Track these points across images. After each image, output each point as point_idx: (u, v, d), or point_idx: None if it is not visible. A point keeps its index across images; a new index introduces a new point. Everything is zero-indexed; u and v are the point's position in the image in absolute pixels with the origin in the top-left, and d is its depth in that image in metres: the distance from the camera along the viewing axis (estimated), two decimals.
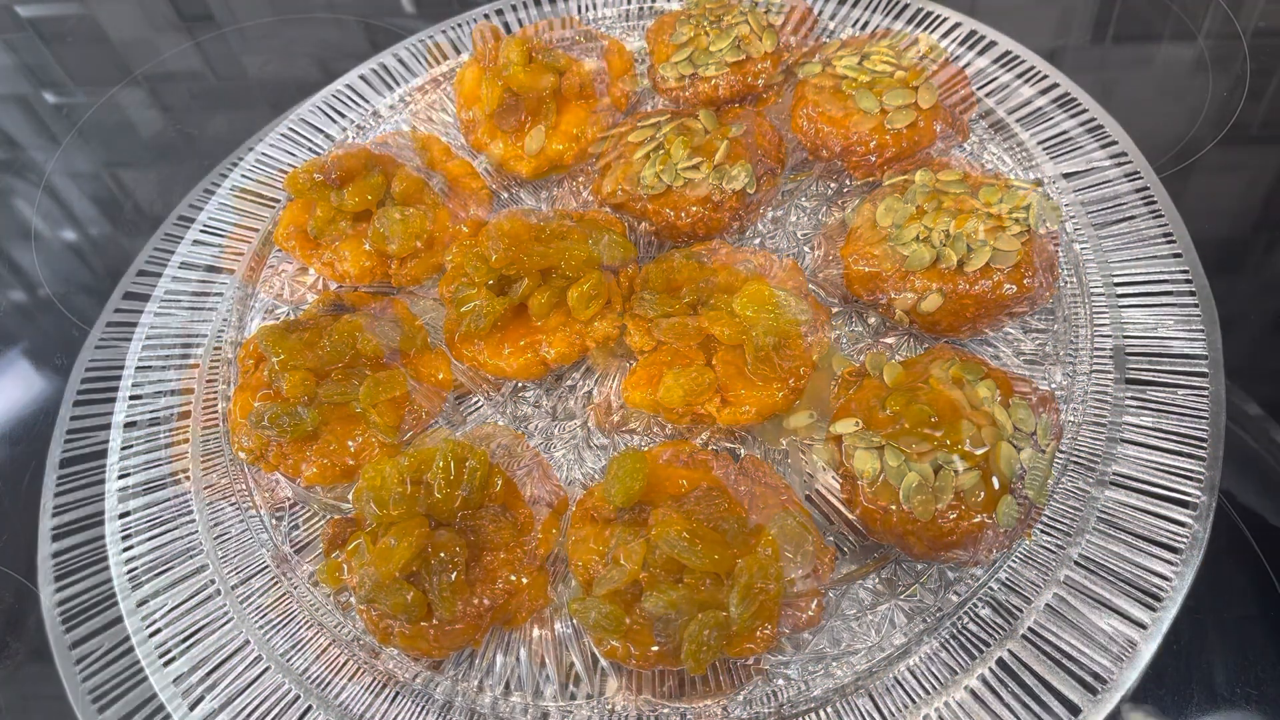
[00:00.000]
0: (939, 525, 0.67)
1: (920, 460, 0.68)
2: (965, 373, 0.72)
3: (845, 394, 0.76)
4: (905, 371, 0.75)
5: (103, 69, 1.40)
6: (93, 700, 0.73)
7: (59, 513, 0.83)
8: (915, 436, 0.69)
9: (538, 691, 0.72)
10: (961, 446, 0.68)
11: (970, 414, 0.70)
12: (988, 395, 0.71)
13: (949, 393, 0.71)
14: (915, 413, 0.70)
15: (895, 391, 0.73)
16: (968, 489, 0.67)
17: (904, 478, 0.68)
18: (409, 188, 0.90)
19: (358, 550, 0.70)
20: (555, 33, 1.03)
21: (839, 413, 0.75)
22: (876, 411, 0.72)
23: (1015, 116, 0.99)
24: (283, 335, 0.81)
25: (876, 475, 0.70)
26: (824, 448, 0.75)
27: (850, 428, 0.72)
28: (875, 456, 0.70)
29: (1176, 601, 0.68)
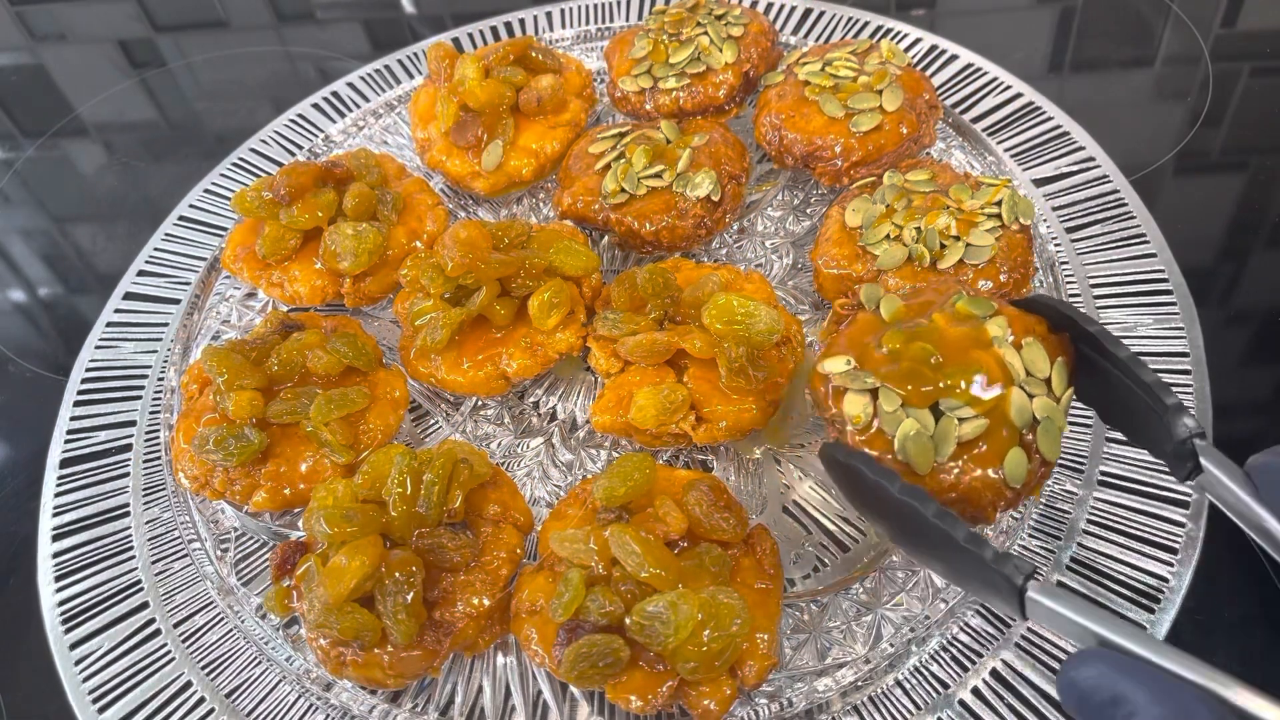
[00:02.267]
0: (938, 479, 0.59)
1: (919, 405, 0.60)
2: (974, 308, 0.63)
3: (836, 329, 0.68)
4: (906, 306, 0.66)
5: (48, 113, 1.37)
6: (93, 700, 0.70)
7: (59, 513, 0.81)
8: (914, 378, 0.60)
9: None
10: (967, 391, 0.59)
11: (978, 355, 0.61)
12: (999, 334, 0.61)
13: (954, 330, 0.62)
14: (915, 351, 0.61)
15: (893, 327, 0.64)
16: (972, 439, 0.59)
17: (900, 424, 0.59)
18: (362, 203, 0.87)
19: (307, 574, 0.66)
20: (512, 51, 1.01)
21: (828, 349, 0.66)
22: (871, 349, 0.63)
23: (981, 125, 0.98)
24: (227, 354, 0.77)
25: (868, 421, 0.61)
26: (810, 389, 0.67)
27: (840, 366, 0.63)
28: (868, 399, 0.61)
29: (1175, 603, 0.65)
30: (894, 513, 0.57)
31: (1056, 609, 0.50)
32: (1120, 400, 0.60)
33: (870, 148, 0.86)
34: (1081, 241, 0.86)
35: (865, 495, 0.60)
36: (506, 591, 0.69)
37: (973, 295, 0.65)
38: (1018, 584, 0.51)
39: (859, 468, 0.58)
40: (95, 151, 1.29)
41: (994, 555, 0.52)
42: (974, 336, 0.61)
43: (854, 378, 0.62)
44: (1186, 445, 0.55)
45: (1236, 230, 0.95)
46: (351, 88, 1.15)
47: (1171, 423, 0.55)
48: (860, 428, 0.61)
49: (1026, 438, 0.60)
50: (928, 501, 0.55)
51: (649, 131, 0.91)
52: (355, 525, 0.66)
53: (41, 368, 1.00)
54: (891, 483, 0.56)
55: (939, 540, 0.55)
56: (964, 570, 0.55)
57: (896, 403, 0.60)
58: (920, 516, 0.55)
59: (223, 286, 0.97)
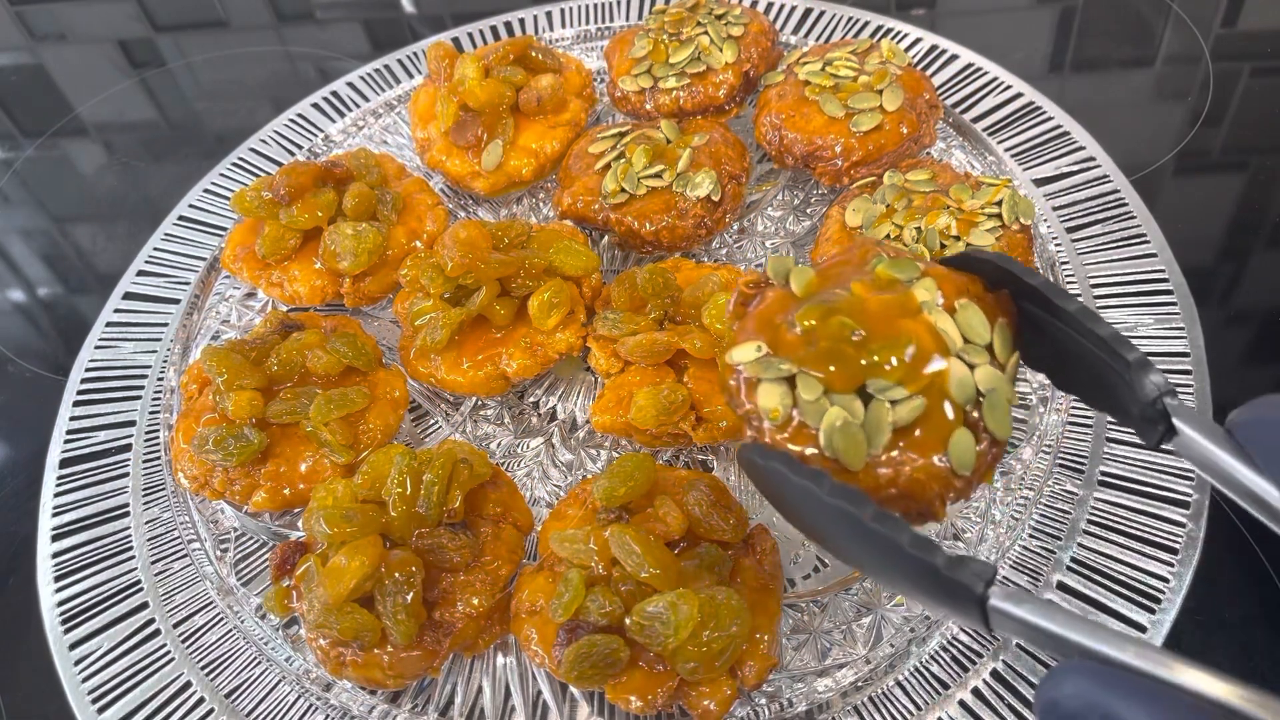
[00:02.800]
0: (875, 474, 0.50)
1: (844, 390, 0.51)
2: (896, 271, 0.55)
3: (744, 311, 0.58)
4: (820, 276, 0.57)
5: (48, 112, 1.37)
6: (92, 701, 0.70)
7: (59, 513, 0.80)
8: (836, 359, 0.51)
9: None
10: (898, 369, 0.51)
11: (906, 325, 0.52)
12: (927, 299, 0.53)
13: (877, 299, 0.53)
14: (834, 328, 0.52)
15: (807, 303, 0.54)
16: (909, 424, 0.50)
17: (824, 415, 0.50)
18: (361, 203, 0.87)
19: (307, 574, 0.66)
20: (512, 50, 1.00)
21: (736, 335, 0.57)
22: (784, 330, 0.54)
23: (982, 125, 0.98)
24: (227, 354, 0.76)
25: (787, 414, 0.51)
26: (720, 384, 0.57)
27: (750, 354, 0.54)
28: (784, 389, 0.52)
29: (1175, 603, 0.65)
30: (827, 519, 0.49)
31: (1027, 618, 0.43)
32: (1075, 361, 0.54)
33: (870, 147, 0.86)
34: (1082, 241, 0.86)
35: (793, 502, 0.52)
36: (506, 592, 0.68)
37: (894, 256, 0.56)
38: (977, 592, 0.43)
39: (781, 470, 0.50)
40: (95, 151, 1.29)
41: (946, 560, 0.44)
42: (900, 304, 0.53)
43: (766, 365, 0.53)
44: (1156, 406, 0.48)
45: (1237, 230, 0.95)
46: (351, 87, 1.14)
47: (1136, 381, 0.49)
48: (779, 423, 0.52)
49: (971, 415, 0.52)
50: (863, 503, 0.47)
51: (649, 131, 0.91)
52: (355, 525, 0.65)
53: (41, 368, 1.00)
54: (819, 484, 0.48)
55: (881, 548, 0.46)
56: (915, 581, 0.47)
57: (818, 390, 0.51)
58: (856, 521, 0.46)
59: (222, 286, 0.97)
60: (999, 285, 0.56)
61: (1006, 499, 0.72)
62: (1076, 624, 0.41)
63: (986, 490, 0.73)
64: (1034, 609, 0.42)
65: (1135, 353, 0.49)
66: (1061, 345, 0.54)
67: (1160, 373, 0.48)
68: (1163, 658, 0.39)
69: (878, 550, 0.47)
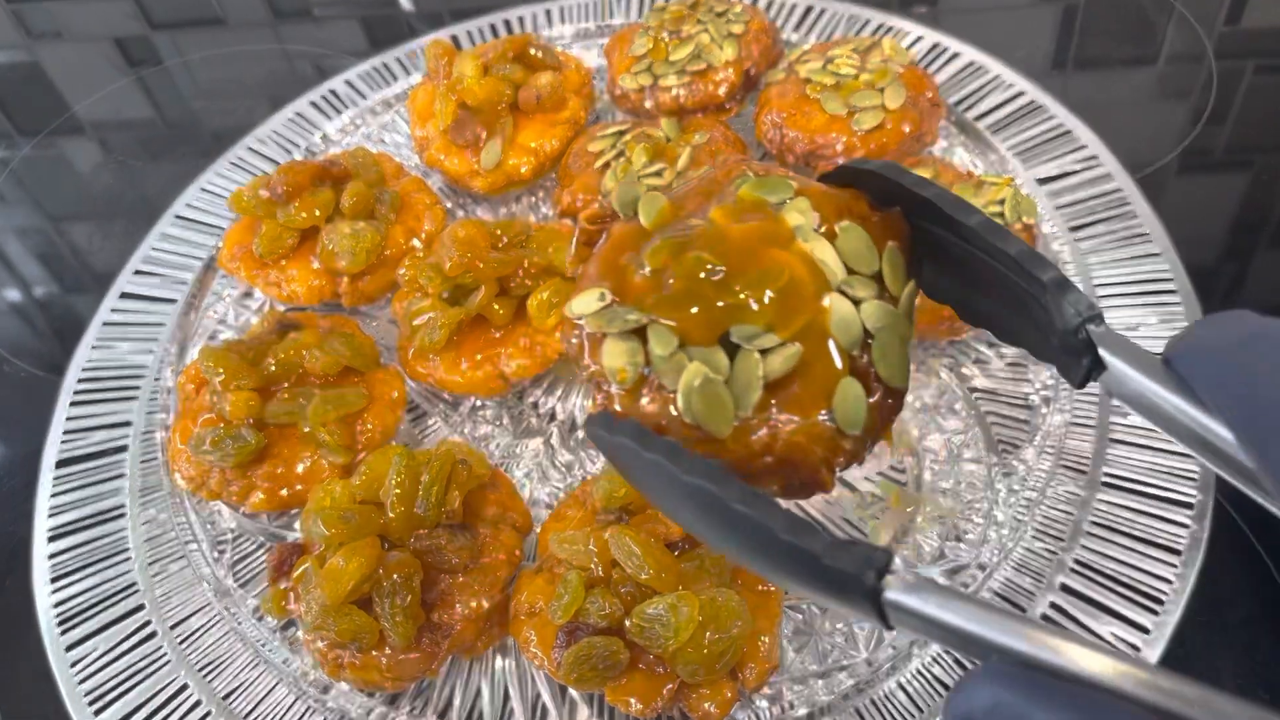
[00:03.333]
0: (746, 441, 0.41)
1: (704, 341, 0.41)
2: (762, 192, 0.45)
3: (588, 252, 0.49)
4: (673, 204, 0.47)
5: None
6: (89, 703, 0.69)
7: (55, 514, 0.80)
8: (692, 303, 0.42)
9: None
10: (767, 310, 0.41)
11: (776, 256, 0.43)
12: (801, 222, 0.43)
13: (740, 228, 0.44)
14: (689, 265, 0.42)
15: (659, 237, 0.44)
16: (783, 376, 0.40)
17: (681, 372, 0.40)
18: (359, 202, 0.86)
19: (305, 576, 0.66)
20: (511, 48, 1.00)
21: (578, 282, 0.47)
22: (630, 272, 0.44)
23: (984, 124, 0.97)
24: (224, 354, 0.76)
25: (638, 374, 0.42)
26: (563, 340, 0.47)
27: (591, 304, 0.43)
28: (634, 344, 0.42)
29: (1179, 605, 0.65)
30: (687, 501, 0.40)
31: (931, 613, 0.34)
32: (984, 287, 0.45)
33: (872, 146, 0.86)
34: (1085, 240, 0.86)
35: (648, 482, 0.42)
36: (505, 593, 0.68)
37: (761, 174, 0.46)
38: (867, 583, 0.35)
39: (629, 446, 0.40)
40: (91, 150, 1.29)
41: (828, 546, 0.35)
42: (767, 231, 0.44)
43: (610, 316, 0.42)
44: (1078, 335, 0.39)
45: (1241, 229, 0.94)
46: (349, 86, 1.14)
47: (1053, 305, 0.39)
48: (628, 385, 0.42)
49: (860, 361, 0.42)
50: (727, 481, 0.37)
51: (649, 129, 0.90)
52: (353, 526, 0.65)
53: (37, 367, 1.00)
54: (675, 460, 0.38)
55: (751, 533, 0.37)
56: (793, 572, 0.38)
57: (672, 342, 0.41)
58: (720, 503, 0.37)
59: (219, 286, 0.96)
60: (890, 201, 0.46)
61: (1009, 500, 0.72)
62: (991, 618, 0.33)
63: (989, 491, 0.73)
64: (940, 601, 0.34)
65: (1052, 271, 0.40)
66: (967, 270, 0.45)
67: (1083, 294, 0.39)
68: (1093, 657, 0.31)
69: (748, 536, 0.38)
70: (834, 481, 0.42)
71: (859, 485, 0.75)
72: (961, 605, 0.34)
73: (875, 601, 0.35)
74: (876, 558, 0.35)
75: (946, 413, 0.78)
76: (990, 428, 0.77)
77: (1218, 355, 0.36)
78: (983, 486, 0.74)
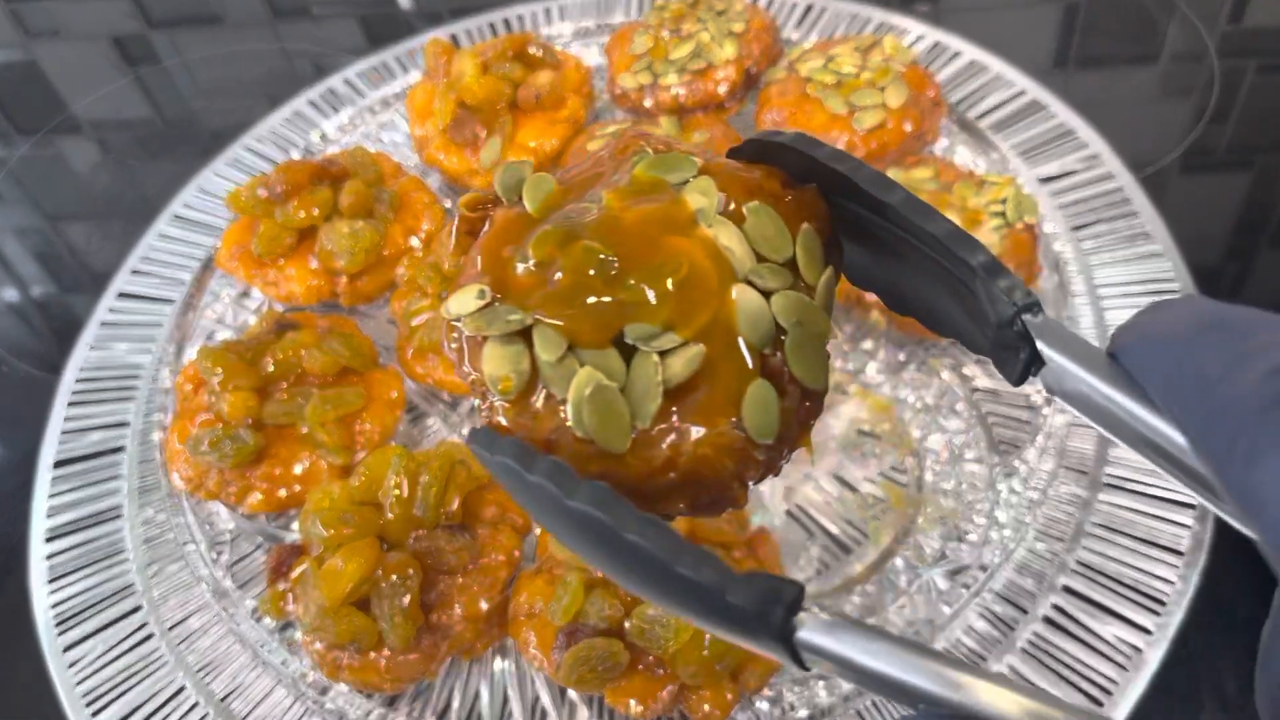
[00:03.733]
0: (645, 456, 0.35)
1: (596, 343, 0.36)
2: (660, 171, 0.38)
3: (468, 244, 0.42)
4: (562, 187, 0.41)
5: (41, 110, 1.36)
6: (87, 704, 0.69)
7: (52, 514, 0.79)
8: (582, 300, 0.36)
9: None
10: (663, 306, 0.36)
11: (674, 244, 0.37)
12: (704, 204, 0.37)
13: (635, 212, 0.38)
14: (578, 256, 0.36)
15: (545, 224, 0.38)
16: (686, 381, 0.35)
17: (572, 380, 0.35)
18: (358, 201, 0.86)
19: (303, 577, 0.65)
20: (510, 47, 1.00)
21: (457, 278, 0.40)
22: (511, 266, 0.38)
23: (985, 122, 0.97)
24: (222, 354, 0.76)
25: (523, 383, 0.36)
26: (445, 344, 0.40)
27: (470, 303, 0.37)
28: (518, 349, 0.36)
29: (1182, 605, 0.64)
30: (576, 530, 0.35)
31: (850, 656, 0.30)
32: (910, 272, 0.40)
33: (874, 145, 0.85)
34: (1087, 240, 0.85)
35: (535, 507, 0.37)
36: (504, 595, 0.68)
37: (662, 150, 0.40)
38: (775, 622, 0.30)
39: (512, 467, 0.35)
40: (89, 149, 1.28)
41: (731, 581, 0.31)
42: (665, 215, 0.38)
43: (491, 317, 0.37)
44: (1014, 326, 0.35)
45: (1243, 228, 0.94)
46: (348, 84, 1.13)
47: (985, 292, 0.35)
48: (512, 395, 0.36)
49: (772, 360, 0.37)
50: (618, 507, 0.33)
51: (649, 128, 0.90)
52: (351, 527, 0.65)
53: (34, 367, 0.99)
54: (560, 484, 0.33)
55: (648, 567, 0.33)
56: (693, 608, 0.33)
57: (560, 345, 0.35)
58: (610, 532, 0.33)
59: (217, 286, 0.96)
60: (807, 178, 0.40)
61: (1011, 500, 0.72)
62: (916, 661, 0.29)
63: (991, 492, 0.72)
64: (859, 642, 0.30)
65: (982, 254, 0.35)
66: (892, 253, 0.40)
67: (1018, 279, 0.35)
68: (1027, 703, 0.28)
69: (643, 569, 0.33)
70: (746, 496, 0.37)
71: (860, 486, 0.75)
72: (884, 647, 0.30)
73: (786, 642, 0.31)
74: (785, 592, 0.31)
75: (948, 413, 0.78)
76: (992, 428, 0.77)
77: (1168, 348, 0.31)
78: (984, 487, 0.73)
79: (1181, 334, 0.31)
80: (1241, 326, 0.30)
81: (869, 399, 0.79)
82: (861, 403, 0.79)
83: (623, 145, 0.41)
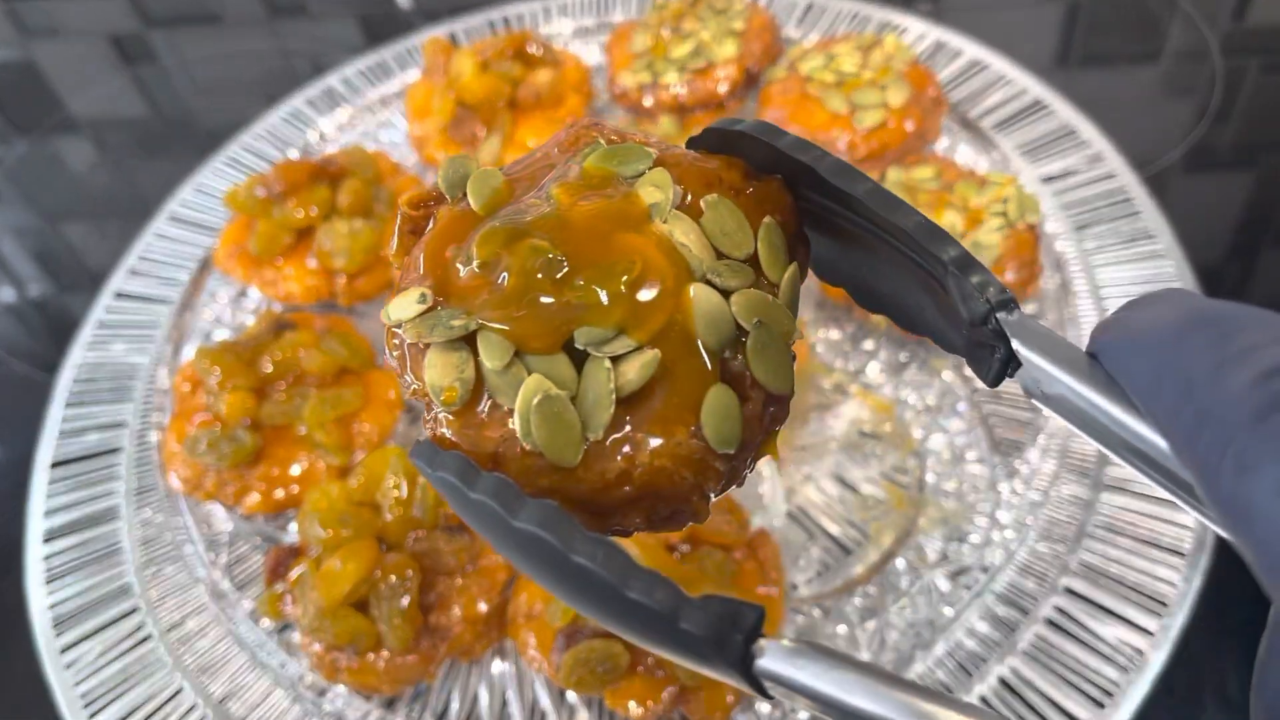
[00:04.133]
0: (599, 469, 0.33)
1: (544, 348, 0.33)
2: (612, 163, 0.36)
3: (410, 244, 0.39)
4: (509, 182, 0.37)
5: None
6: (84, 705, 0.69)
7: (50, 515, 0.79)
8: (528, 302, 0.33)
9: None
10: (616, 308, 0.33)
11: (627, 241, 0.34)
12: (659, 199, 0.35)
13: (586, 208, 0.35)
14: (525, 256, 0.33)
15: (490, 222, 0.35)
16: (640, 389, 0.33)
17: (519, 390, 0.32)
18: (356, 200, 0.85)
19: (301, 578, 0.65)
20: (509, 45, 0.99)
21: (398, 280, 0.37)
22: (454, 267, 0.35)
23: (987, 121, 0.97)
24: (221, 354, 0.75)
25: (468, 392, 0.33)
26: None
27: (410, 308, 0.34)
28: (462, 356, 0.33)
29: (1185, 607, 0.64)
30: (522, 551, 0.33)
31: (813, 686, 0.29)
32: (879, 268, 0.38)
33: (875, 144, 0.85)
34: (1090, 240, 0.85)
35: (482, 525, 0.34)
36: (504, 596, 0.67)
37: (614, 142, 0.38)
38: (733, 650, 0.29)
39: (453, 483, 0.32)
40: (86, 148, 1.28)
41: (685, 606, 0.29)
42: (618, 212, 0.35)
43: (433, 322, 0.34)
44: (988, 324, 0.33)
45: (1246, 227, 0.94)
46: (346, 83, 1.13)
47: (958, 289, 0.33)
48: (457, 405, 0.34)
49: (733, 363, 0.34)
50: (565, 527, 0.30)
51: (648, 127, 0.89)
52: (349, 528, 0.64)
53: (31, 367, 0.99)
54: (504, 503, 0.31)
55: (598, 591, 0.31)
56: (647, 634, 0.32)
57: (507, 352, 0.33)
58: (557, 554, 0.31)
59: (215, 285, 0.95)
60: (770, 169, 0.38)
61: (1013, 501, 0.71)
62: (884, 693, 0.28)
63: (992, 493, 0.72)
64: (823, 671, 0.29)
65: (953, 248, 0.33)
66: (859, 247, 0.38)
67: (992, 276, 0.33)
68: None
69: (592, 592, 0.32)
70: (708, 510, 0.35)
71: (861, 487, 0.75)
72: (851, 676, 0.28)
73: (746, 670, 0.29)
74: (743, 617, 0.29)
75: (949, 414, 0.77)
76: (993, 429, 0.76)
77: (1151, 348, 0.29)
78: (986, 488, 0.73)
79: (1166, 333, 0.29)
80: (1229, 325, 0.28)
81: (870, 400, 0.79)
82: (863, 403, 0.79)
83: (574, 136, 0.39)
